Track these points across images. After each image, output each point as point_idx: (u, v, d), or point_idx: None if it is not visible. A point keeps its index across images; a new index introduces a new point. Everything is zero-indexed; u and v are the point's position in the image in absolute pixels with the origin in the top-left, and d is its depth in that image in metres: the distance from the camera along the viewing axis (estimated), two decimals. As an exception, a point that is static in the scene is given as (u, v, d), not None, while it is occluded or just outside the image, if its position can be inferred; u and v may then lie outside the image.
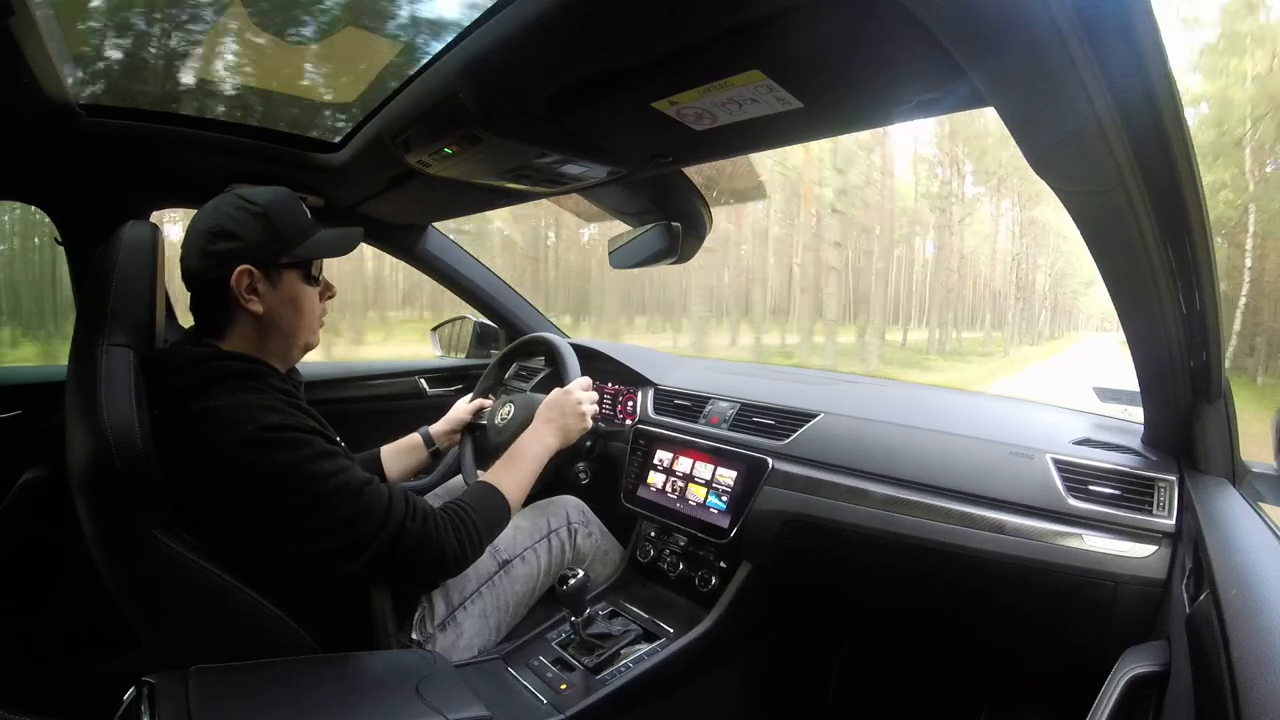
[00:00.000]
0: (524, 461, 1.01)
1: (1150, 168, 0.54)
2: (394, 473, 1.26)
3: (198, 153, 1.19)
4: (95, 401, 0.71)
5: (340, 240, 0.92)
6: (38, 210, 1.22)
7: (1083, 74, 0.46)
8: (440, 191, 1.23)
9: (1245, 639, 0.46)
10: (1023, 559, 0.91)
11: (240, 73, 1.14)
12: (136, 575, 0.74)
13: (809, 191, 17.15)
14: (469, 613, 1.05)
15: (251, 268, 0.82)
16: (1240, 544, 0.63)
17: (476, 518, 0.88)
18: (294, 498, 0.75)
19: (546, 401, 1.14)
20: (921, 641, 1.24)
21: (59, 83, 0.94)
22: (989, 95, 0.56)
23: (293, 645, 0.78)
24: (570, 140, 0.88)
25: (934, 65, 0.56)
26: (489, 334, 1.89)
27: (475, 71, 0.74)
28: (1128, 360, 0.86)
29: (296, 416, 0.79)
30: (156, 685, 0.63)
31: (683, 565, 1.31)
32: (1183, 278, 0.66)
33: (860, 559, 1.08)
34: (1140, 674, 0.67)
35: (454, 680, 0.74)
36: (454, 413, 1.35)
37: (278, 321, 0.87)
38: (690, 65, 0.64)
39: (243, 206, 0.84)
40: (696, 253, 1.32)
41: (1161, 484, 0.88)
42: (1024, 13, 0.44)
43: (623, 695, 1.01)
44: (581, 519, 1.27)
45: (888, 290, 20.94)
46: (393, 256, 1.66)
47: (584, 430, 1.13)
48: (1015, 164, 17.74)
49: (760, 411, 1.28)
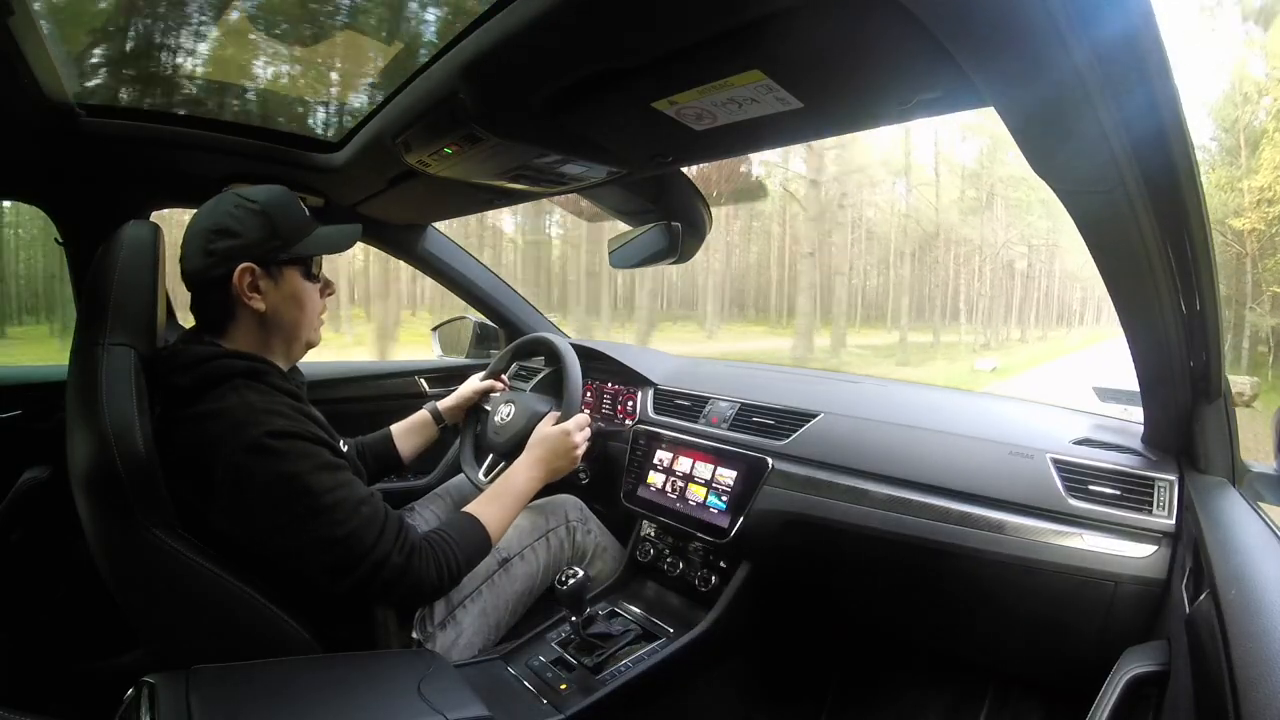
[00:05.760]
0: (509, 498, 1.02)
1: (1150, 168, 0.54)
2: (405, 450, 1.28)
3: (197, 153, 1.19)
4: (96, 401, 0.71)
5: (339, 237, 0.93)
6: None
7: (1083, 74, 0.46)
8: (440, 191, 1.23)
9: (1245, 639, 0.46)
10: (1022, 559, 0.91)
11: (240, 73, 1.15)
12: (137, 575, 0.74)
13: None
14: (468, 611, 1.05)
15: (253, 265, 0.82)
16: (1240, 544, 0.63)
17: (459, 552, 0.88)
18: (291, 508, 0.74)
19: (542, 435, 1.13)
20: (921, 641, 1.24)
21: (59, 83, 0.94)
22: (989, 95, 0.56)
23: (293, 645, 0.78)
24: (570, 140, 0.88)
25: (934, 65, 0.56)
26: (489, 334, 1.89)
27: (475, 71, 0.74)
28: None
29: (302, 423, 0.79)
30: (156, 685, 0.63)
31: (682, 565, 1.31)
32: (1183, 278, 0.66)
33: (860, 559, 1.08)
34: (1140, 674, 0.67)
35: (454, 680, 0.74)
36: (464, 389, 1.37)
37: (280, 318, 0.87)
38: (690, 65, 0.64)
39: (242, 205, 0.84)
40: (696, 252, 1.32)
41: (1161, 484, 0.88)
42: (1024, 12, 0.44)
43: (622, 695, 1.01)
44: (580, 517, 1.27)
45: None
46: (393, 256, 1.66)
47: (573, 469, 1.14)
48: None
49: (760, 411, 1.28)
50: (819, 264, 16.05)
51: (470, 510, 0.97)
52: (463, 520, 0.94)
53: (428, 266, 1.69)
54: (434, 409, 1.34)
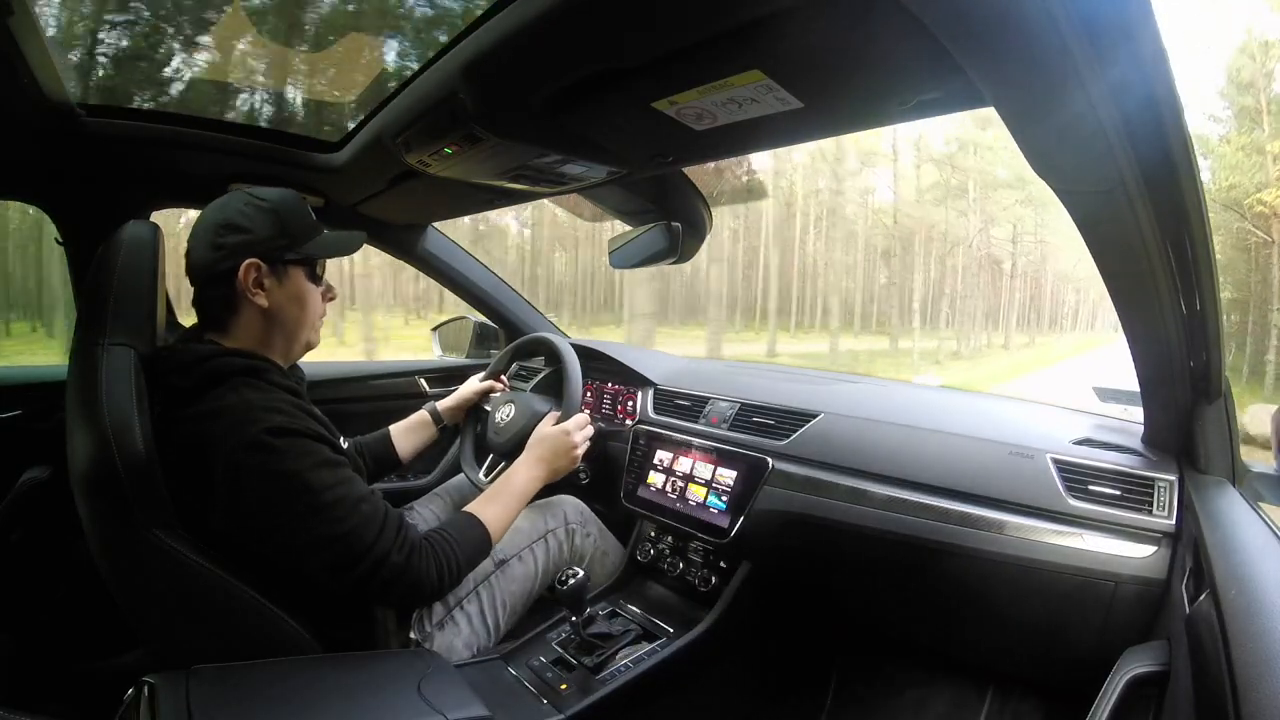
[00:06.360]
0: (510, 497, 1.02)
1: (1150, 168, 0.54)
2: (404, 450, 1.28)
3: (198, 153, 1.19)
4: (96, 401, 0.71)
5: (345, 241, 0.94)
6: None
7: (1083, 73, 0.46)
8: (440, 191, 1.23)
9: (1245, 639, 0.46)
10: (1023, 559, 0.91)
11: (240, 73, 1.15)
12: (137, 575, 0.74)
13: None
14: (466, 612, 1.05)
15: (259, 261, 0.83)
16: (1240, 544, 0.63)
17: (459, 552, 0.88)
18: (290, 506, 0.74)
19: (542, 435, 1.13)
20: (921, 641, 1.24)
21: (59, 83, 0.94)
22: (989, 95, 0.56)
23: (293, 645, 0.78)
24: (570, 140, 0.88)
25: (934, 65, 0.56)
26: (489, 334, 1.89)
27: (475, 71, 0.74)
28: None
29: (302, 420, 0.79)
30: (156, 685, 0.63)
31: (682, 565, 1.31)
32: (1183, 278, 0.66)
33: (860, 559, 1.08)
34: (1140, 674, 0.67)
35: (454, 680, 0.74)
36: (464, 390, 1.37)
37: (283, 317, 0.87)
38: (690, 65, 0.64)
39: (251, 202, 0.85)
40: (696, 253, 1.32)
41: (1161, 484, 0.88)
42: (1024, 12, 0.44)
43: (622, 695, 1.01)
44: (579, 519, 1.27)
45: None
46: (393, 256, 1.66)
47: (573, 469, 1.14)
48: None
49: (760, 411, 1.28)
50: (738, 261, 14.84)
51: (470, 510, 0.97)
52: (463, 520, 0.95)
53: (428, 266, 1.69)
54: (433, 409, 1.34)
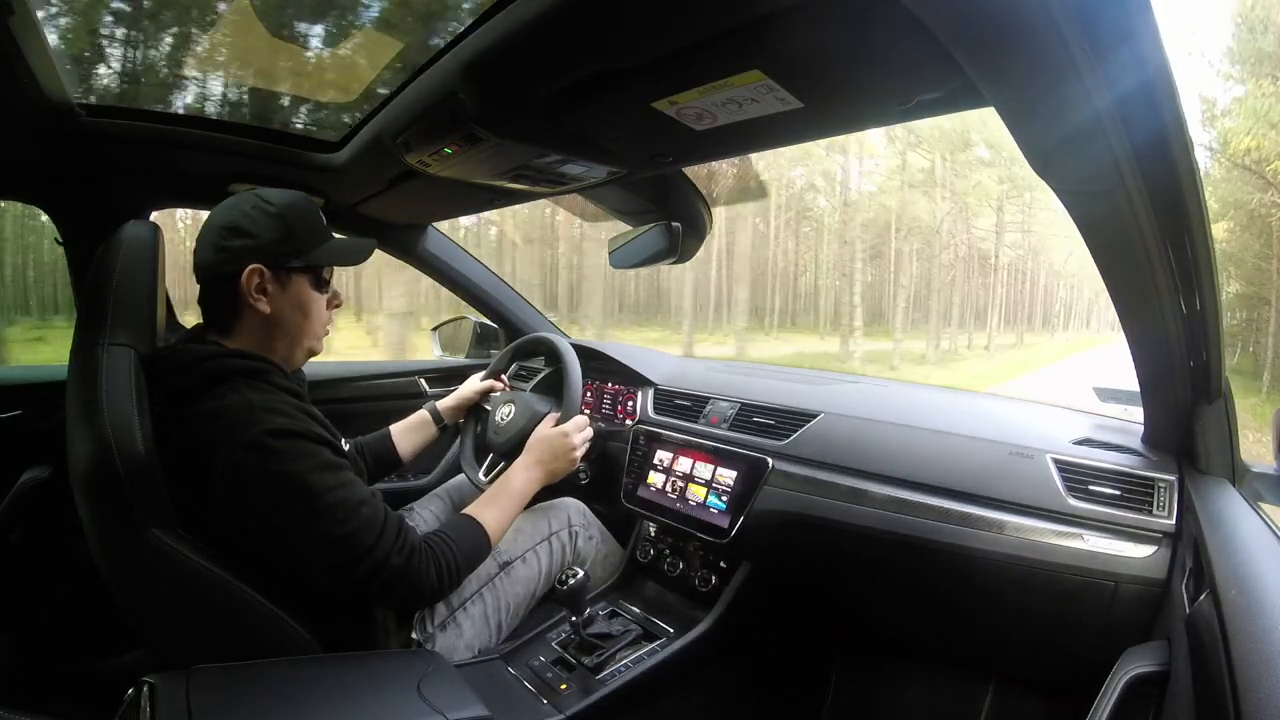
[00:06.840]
0: (508, 499, 1.02)
1: (1150, 168, 0.54)
2: (404, 449, 1.28)
3: (198, 153, 1.19)
4: (96, 401, 0.71)
5: (352, 250, 0.93)
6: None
7: (1083, 73, 0.46)
8: (440, 191, 1.23)
9: (1245, 639, 0.46)
10: (1023, 559, 0.91)
11: (240, 72, 1.15)
12: (136, 575, 0.73)
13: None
14: (469, 614, 1.05)
15: (262, 267, 0.82)
16: (1240, 544, 0.63)
17: (459, 554, 0.88)
18: (290, 507, 0.74)
19: (540, 436, 1.13)
20: (921, 641, 1.24)
21: (59, 83, 0.94)
22: (989, 95, 0.56)
23: (293, 645, 0.78)
24: (570, 140, 0.88)
25: (934, 65, 0.56)
26: (489, 334, 1.89)
27: (475, 71, 0.74)
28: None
29: (303, 421, 0.79)
30: (156, 685, 0.63)
31: (682, 565, 1.31)
32: (1183, 278, 0.66)
33: (860, 559, 1.08)
34: (1140, 674, 0.67)
35: (455, 680, 0.74)
36: (464, 389, 1.37)
37: (284, 323, 0.87)
38: (690, 65, 0.64)
39: (259, 205, 0.84)
40: (696, 252, 1.32)
41: (1161, 484, 0.88)
42: (1024, 12, 0.44)
43: (622, 695, 1.01)
44: (582, 522, 1.27)
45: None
46: (393, 256, 1.66)
47: (571, 470, 1.14)
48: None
49: (760, 411, 1.28)
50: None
51: (469, 513, 0.97)
52: (462, 522, 0.95)
53: (428, 266, 1.69)
54: (433, 409, 1.34)
